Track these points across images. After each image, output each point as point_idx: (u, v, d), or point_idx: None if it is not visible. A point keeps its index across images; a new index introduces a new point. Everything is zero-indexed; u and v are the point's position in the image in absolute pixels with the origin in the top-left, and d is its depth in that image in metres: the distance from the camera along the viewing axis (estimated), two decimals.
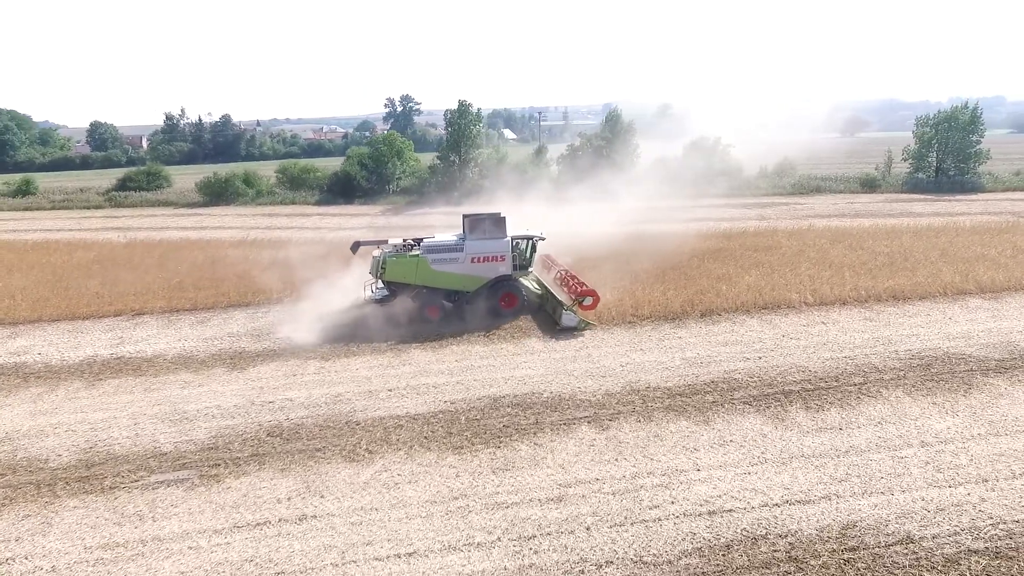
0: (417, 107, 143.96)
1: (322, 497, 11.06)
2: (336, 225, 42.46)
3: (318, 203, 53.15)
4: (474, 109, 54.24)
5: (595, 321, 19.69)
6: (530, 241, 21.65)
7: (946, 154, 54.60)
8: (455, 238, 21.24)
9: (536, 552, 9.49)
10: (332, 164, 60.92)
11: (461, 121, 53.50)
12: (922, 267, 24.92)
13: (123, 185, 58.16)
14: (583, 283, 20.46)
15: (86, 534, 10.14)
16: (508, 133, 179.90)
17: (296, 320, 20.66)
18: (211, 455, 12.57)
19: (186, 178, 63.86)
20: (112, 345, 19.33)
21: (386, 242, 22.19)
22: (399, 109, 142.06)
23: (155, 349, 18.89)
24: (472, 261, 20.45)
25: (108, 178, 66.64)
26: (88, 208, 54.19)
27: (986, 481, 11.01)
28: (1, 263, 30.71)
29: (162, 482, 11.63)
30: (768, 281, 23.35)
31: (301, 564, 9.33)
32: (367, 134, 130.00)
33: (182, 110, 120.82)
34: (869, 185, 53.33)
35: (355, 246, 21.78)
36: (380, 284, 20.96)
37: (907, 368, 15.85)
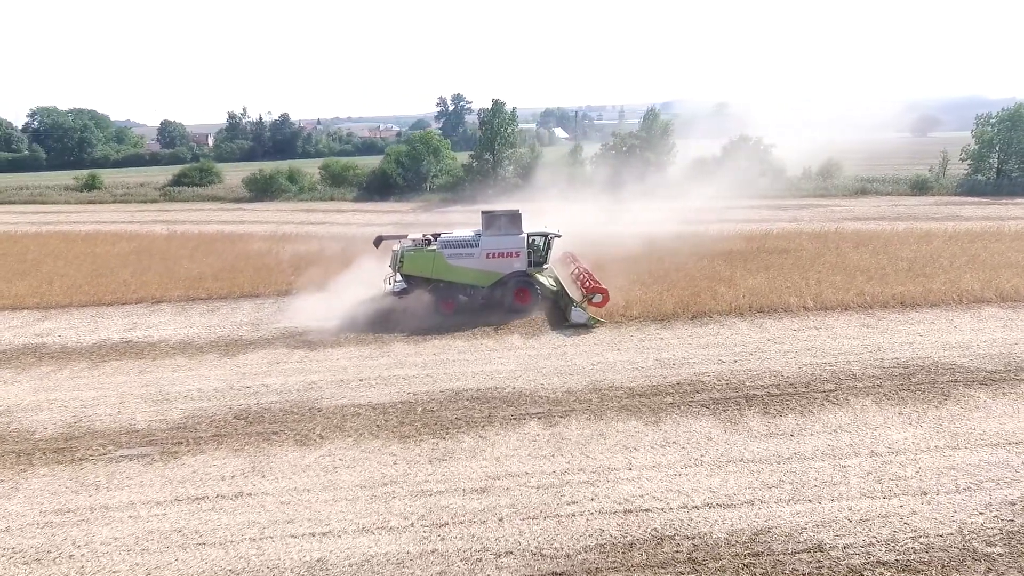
0: (468, 106, 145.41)
1: (263, 477, 11.70)
2: (366, 221, 43.64)
3: (355, 200, 54.78)
4: (508, 108, 54.62)
5: (605, 319, 19.62)
6: (546, 238, 21.81)
7: (1009, 155, 51.53)
8: (472, 234, 21.65)
9: (443, 539, 9.80)
10: (373, 162, 62.49)
11: (495, 120, 53.97)
12: (943, 273, 23.77)
13: (178, 180, 61.41)
14: (597, 281, 20.58)
15: (45, 500, 11.09)
16: (560, 132, 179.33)
17: (299, 311, 21.61)
18: (177, 434, 13.44)
19: (243, 174, 66.76)
20: (125, 330, 20.70)
21: (406, 236, 22.63)
22: (451, 108, 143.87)
23: (161, 335, 20.13)
24: (487, 257, 20.86)
25: (171, 174, 70.40)
26: (145, 202, 57.57)
27: (925, 494, 10.63)
28: (52, 252, 33.18)
29: (126, 456, 12.54)
30: (772, 284, 22.81)
31: (222, 537, 9.95)
32: (419, 132, 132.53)
33: (244, 109, 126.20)
34: (920, 187, 50.81)
35: (378, 240, 22.47)
36: (398, 277, 21.48)
37: (886, 377, 15.30)
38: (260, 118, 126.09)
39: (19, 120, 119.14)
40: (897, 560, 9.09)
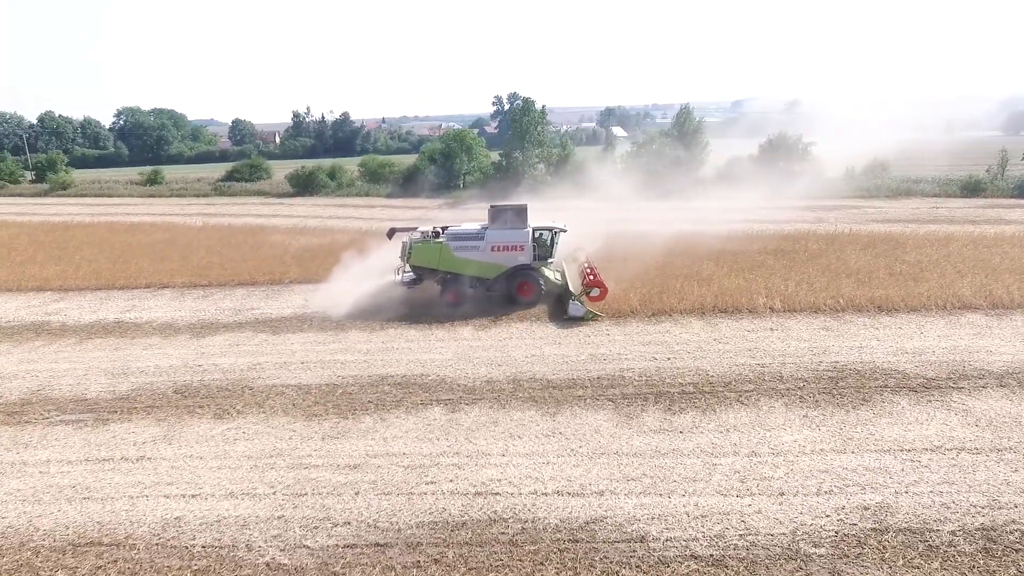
0: (543, 106, 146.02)
1: (169, 444, 12.77)
2: (390, 216, 45.05)
3: (388, 196, 56.50)
4: (538, 106, 54.92)
5: (603, 313, 19.93)
6: (552, 232, 22.19)
7: None
8: (478, 227, 22.23)
9: (295, 507, 10.52)
10: (411, 159, 64.17)
11: (524, 118, 54.40)
12: (939, 278, 22.62)
13: (230, 176, 65.05)
14: (597, 276, 20.88)
15: None
16: (618, 131, 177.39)
17: (277, 299, 22.94)
18: (117, 404, 14.76)
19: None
20: (121, 312, 22.55)
21: (416, 229, 23.28)
22: (506, 106, 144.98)
23: (150, 317, 21.82)
24: (492, 250, 21.33)
25: (225, 170, 74.62)
26: (198, 196, 61.33)
27: (782, 495, 10.51)
28: (91, 240, 36.17)
29: (64, 421, 13.93)
30: (750, 285, 22.32)
31: (106, 494, 11.03)
32: (476, 130, 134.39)
33: (307, 108, 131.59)
34: (972, 189, 47.75)
35: (391, 232, 23.30)
36: (408, 268, 22.16)
37: (813, 380, 14.93)
38: (323, 117, 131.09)
39: (107, 119, 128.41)
40: (711, 555, 9.12)
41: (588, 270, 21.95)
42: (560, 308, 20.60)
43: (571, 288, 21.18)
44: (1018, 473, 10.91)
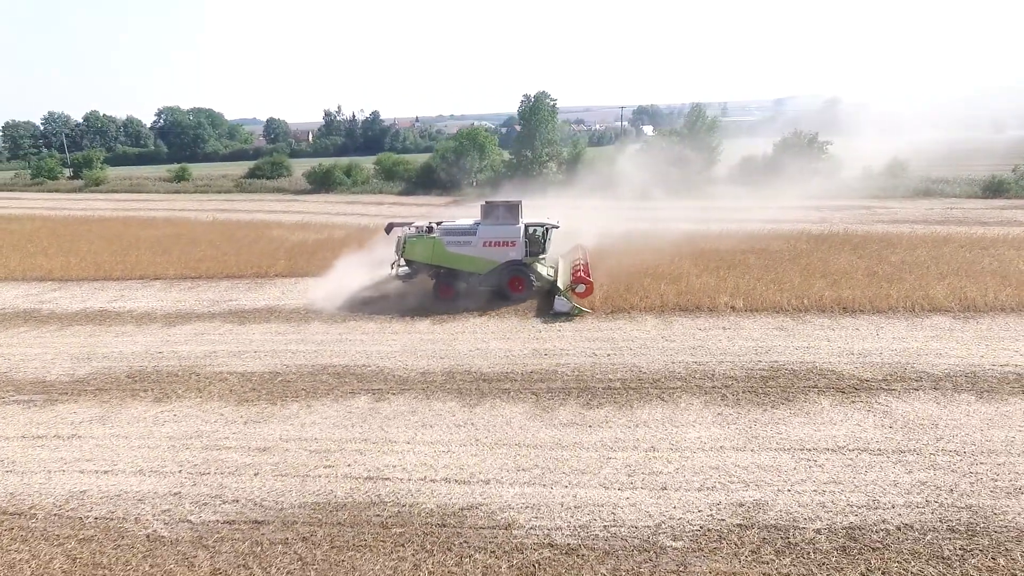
0: (552, 103, 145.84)
1: (103, 424, 13.51)
2: (395, 213, 45.80)
3: (400, 193, 57.38)
4: (550, 104, 54.97)
5: (590, 308, 20.07)
6: (544, 228, 22.42)
7: None
8: (471, 222, 22.55)
9: (194, 484, 11.08)
10: (425, 157, 64.99)
11: (535, 117, 54.55)
12: (916, 280, 22.08)
13: (252, 173, 66.95)
14: (587, 273, 21.04)
15: None
16: (648, 130, 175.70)
17: (257, 291, 23.81)
18: (72, 386, 15.62)
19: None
20: (109, 301, 23.67)
21: (411, 224, 23.44)
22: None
23: (134, 306, 22.85)
24: (484, 245, 21.60)
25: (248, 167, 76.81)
26: (220, 192, 63.33)
27: (664, 489, 10.60)
28: (104, 233, 37.85)
29: (16, 401, 14.82)
30: (721, 284, 22.14)
31: (28, 467, 11.79)
32: (504, 129, 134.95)
33: (338, 107, 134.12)
34: (995, 190, 46.02)
35: (389, 227, 23.72)
36: (403, 263, 22.50)
37: (744, 378, 14.86)
38: (353, 116, 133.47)
39: (148, 118, 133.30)
40: (568, 544, 9.30)
41: (579, 266, 21.99)
42: (549, 303, 20.66)
43: (559, 284, 21.25)
44: (911, 475, 10.75)
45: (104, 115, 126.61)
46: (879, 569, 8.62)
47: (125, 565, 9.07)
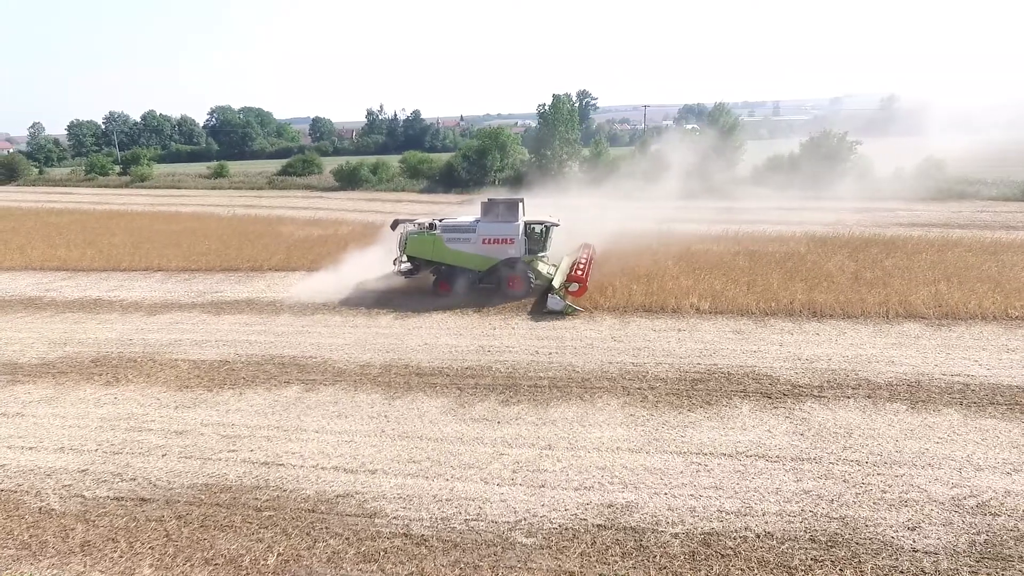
0: (594, 102, 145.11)
1: (49, 404, 14.39)
2: (411, 210, 46.56)
3: (421, 191, 58.15)
4: (574, 104, 54.75)
5: (583, 307, 20.01)
6: (544, 227, 22.55)
7: None
8: (471, 220, 22.78)
9: (103, 463, 11.73)
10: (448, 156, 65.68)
11: (555, 116, 54.45)
12: (905, 284, 21.22)
13: (284, 171, 69.06)
14: (584, 272, 21.03)
15: None
16: (694, 129, 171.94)
17: (246, 284, 24.81)
18: (38, 369, 16.67)
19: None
20: (108, 291, 24.99)
21: (414, 221, 23.89)
22: (575, 104, 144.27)
23: (127, 296, 24.08)
24: (483, 242, 21.83)
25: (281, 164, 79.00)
26: (253, 189, 65.51)
27: (542, 487, 10.62)
28: (127, 227, 39.83)
29: None
30: (695, 286, 21.74)
31: None
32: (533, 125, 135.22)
33: (380, 106, 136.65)
34: None
35: (394, 224, 24.13)
36: (405, 259, 22.85)
37: (676, 380, 14.65)
38: (395, 114, 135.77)
39: (201, 118, 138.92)
40: (422, 535, 9.47)
41: (578, 266, 21.84)
42: (544, 301, 20.60)
43: (555, 283, 20.98)
44: (799, 484, 10.46)
45: (160, 114, 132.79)
46: (716, 573, 8.46)
47: (8, 534, 9.72)
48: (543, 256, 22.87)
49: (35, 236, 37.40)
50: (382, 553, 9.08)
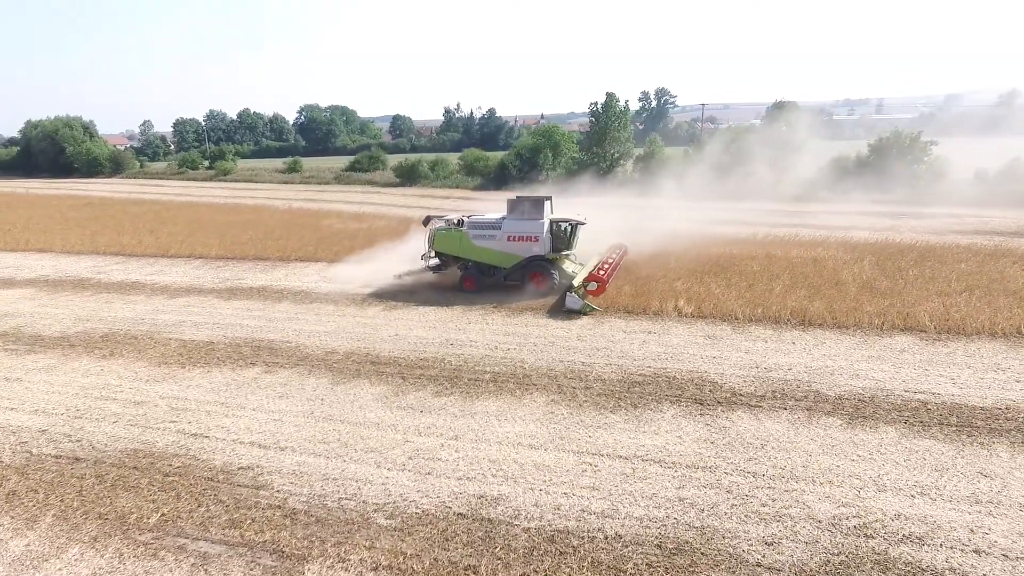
0: (672, 101, 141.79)
1: (47, 372, 16.11)
2: (456, 207, 47.70)
3: (475, 188, 59.27)
4: (621, 103, 54.06)
5: (600, 307, 19.93)
6: (571, 225, 22.67)
7: None
8: (497, 217, 23.22)
9: (63, 425, 13.10)
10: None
11: (607, 115, 53.92)
12: (917, 295, 19.92)
13: (351, 167, 72.20)
14: (607, 273, 21.11)
15: None
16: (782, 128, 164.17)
17: (269, 272, 26.56)
18: (54, 341, 18.63)
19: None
20: (148, 275, 27.35)
21: (444, 217, 24.64)
22: (653, 103, 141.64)
23: (162, 280, 26.29)
24: (508, 239, 22.16)
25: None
26: (320, 183, 69.03)
27: (428, 474, 10.98)
28: (192, 217, 43.13)
29: (3, 349, 18.00)
30: (687, 288, 21.32)
31: None
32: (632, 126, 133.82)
33: (457, 104, 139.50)
34: None
35: (426, 220, 24.90)
36: (433, 254, 23.68)
37: (618, 381, 14.52)
38: (471, 113, 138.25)
39: (291, 116, 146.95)
40: (294, 509, 10.02)
41: (602, 266, 21.86)
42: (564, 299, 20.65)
43: (575, 282, 20.92)
44: (680, 491, 10.26)
45: (254, 112, 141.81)
46: (544, 571, 8.54)
47: None
48: (569, 254, 22.90)
49: (109, 223, 41.26)
50: (249, 521, 9.75)
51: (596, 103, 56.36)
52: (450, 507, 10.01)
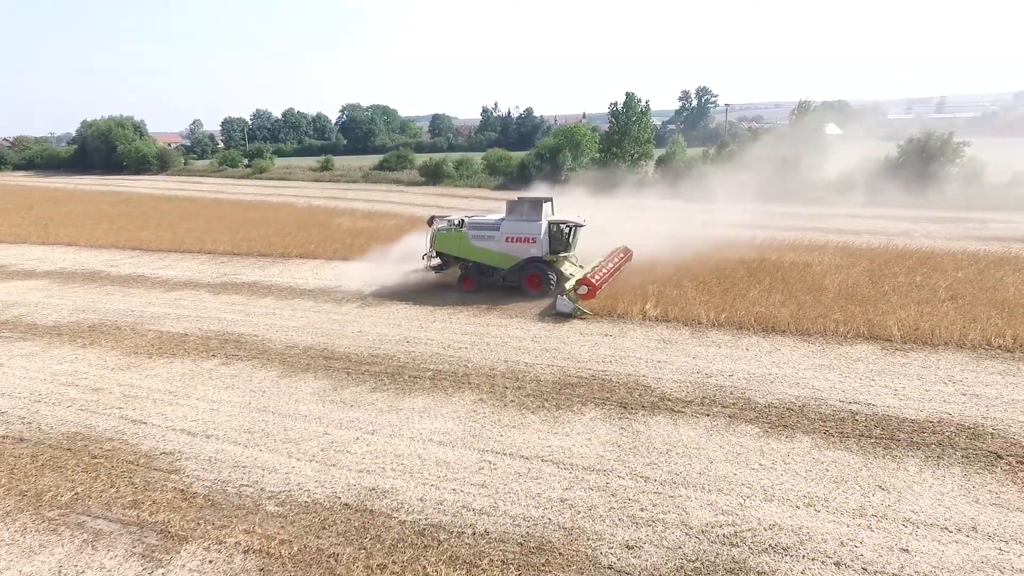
0: (714, 100, 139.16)
1: (27, 359, 17.25)
2: (467, 205, 48.22)
3: (495, 188, 59.62)
4: (642, 103, 53.55)
5: (590, 311, 19.77)
6: (570, 227, 22.76)
7: None
8: (496, 218, 23.52)
9: (24, 408, 14.06)
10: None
11: (627, 115, 53.51)
12: (895, 303, 19.34)
13: (380, 165, 73.60)
14: (600, 277, 21.28)
15: None
16: (832, 128, 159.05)
17: (265, 269, 27.56)
18: (47, 330, 19.87)
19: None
20: (155, 269, 28.71)
21: (446, 217, 24.98)
22: (693, 103, 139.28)
23: (165, 274, 27.59)
24: (507, 241, 22.35)
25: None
26: (350, 182, 70.51)
27: (333, 466, 11.40)
28: (215, 213, 44.87)
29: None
30: (660, 292, 21.16)
31: None
32: (671, 126, 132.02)
33: (495, 104, 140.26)
34: None
35: (431, 220, 25.26)
36: (435, 255, 24.04)
37: (551, 383, 14.61)
38: (508, 112, 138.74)
39: (333, 115, 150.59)
40: (195, 493, 10.61)
41: (598, 270, 21.93)
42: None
43: (567, 284, 20.94)
44: (566, 491, 10.38)
45: (298, 111, 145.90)
46: (403, 563, 8.83)
47: None
48: (568, 256, 22.90)
49: (136, 219, 43.32)
50: (149, 503, 10.36)
51: (615, 103, 55.96)
52: (339, 497, 10.40)
